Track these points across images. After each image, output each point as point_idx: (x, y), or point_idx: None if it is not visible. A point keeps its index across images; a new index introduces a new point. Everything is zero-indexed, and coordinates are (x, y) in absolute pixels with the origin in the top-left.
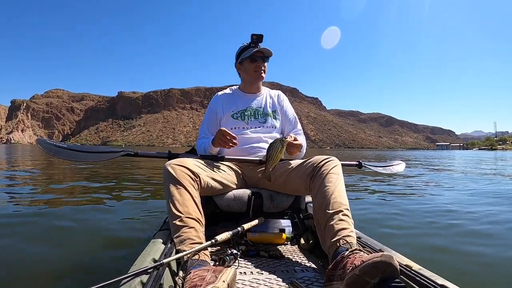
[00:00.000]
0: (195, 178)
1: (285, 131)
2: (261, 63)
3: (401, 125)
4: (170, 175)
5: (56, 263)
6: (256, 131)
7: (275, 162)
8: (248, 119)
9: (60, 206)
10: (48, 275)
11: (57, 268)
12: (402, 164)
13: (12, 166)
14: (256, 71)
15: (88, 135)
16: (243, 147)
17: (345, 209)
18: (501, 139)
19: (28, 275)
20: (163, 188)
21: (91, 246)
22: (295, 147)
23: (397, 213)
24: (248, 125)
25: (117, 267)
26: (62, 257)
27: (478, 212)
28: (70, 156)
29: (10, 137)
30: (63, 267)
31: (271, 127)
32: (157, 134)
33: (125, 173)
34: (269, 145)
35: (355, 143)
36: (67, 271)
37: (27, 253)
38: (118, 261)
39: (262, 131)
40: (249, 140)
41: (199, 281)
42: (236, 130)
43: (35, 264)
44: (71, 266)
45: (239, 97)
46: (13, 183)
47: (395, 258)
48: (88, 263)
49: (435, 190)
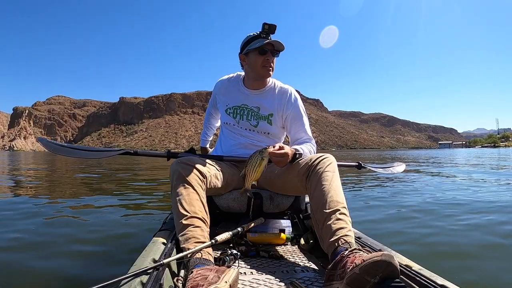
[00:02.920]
0: (203, 178)
1: (290, 137)
2: (270, 57)
3: (403, 124)
4: (179, 174)
5: (55, 263)
6: (245, 133)
7: (254, 177)
8: (240, 118)
9: (60, 206)
10: (48, 276)
11: (57, 269)
12: (402, 165)
13: (15, 172)
14: (264, 66)
15: (90, 141)
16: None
17: (342, 207)
18: (503, 136)
19: (28, 275)
20: (164, 188)
21: (91, 246)
22: (279, 157)
23: (397, 213)
24: (238, 125)
25: (117, 267)
26: (61, 258)
27: (479, 213)
28: (70, 153)
29: (13, 144)
30: (63, 267)
31: (262, 132)
32: (159, 139)
33: (125, 173)
34: (248, 157)
35: (358, 144)
36: (67, 272)
37: (27, 253)
38: (118, 261)
39: (251, 135)
40: (236, 142)
41: (201, 280)
42: (228, 126)
43: (35, 264)
44: (71, 266)
45: (238, 90)
46: (15, 188)
47: (395, 257)
48: (88, 263)
49: (435, 190)
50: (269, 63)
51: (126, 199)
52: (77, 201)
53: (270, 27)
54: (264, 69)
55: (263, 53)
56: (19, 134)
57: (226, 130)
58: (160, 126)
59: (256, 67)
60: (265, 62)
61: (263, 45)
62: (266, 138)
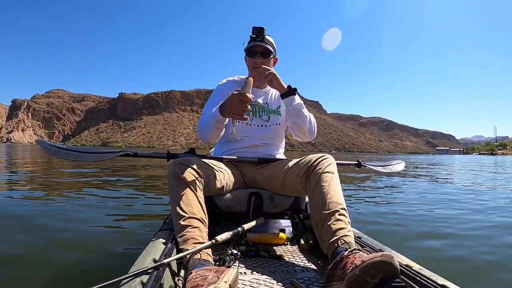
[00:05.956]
0: (200, 178)
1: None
2: (259, 59)
3: (401, 129)
4: (176, 175)
5: (55, 263)
6: (258, 129)
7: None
8: (253, 115)
9: (60, 206)
10: (48, 276)
11: (56, 269)
12: (401, 164)
13: (13, 166)
14: (254, 67)
15: (88, 135)
16: (242, 146)
17: (341, 208)
18: (501, 144)
19: (27, 275)
20: (164, 187)
21: (91, 246)
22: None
23: (397, 213)
24: (251, 122)
25: (117, 267)
26: (61, 258)
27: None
28: (69, 156)
29: (11, 136)
30: (62, 267)
31: (274, 124)
32: (157, 135)
33: (124, 174)
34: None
35: (355, 147)
36: (67, 272)
37: (26, 253)
38: (118, 261)
39: (264, 130)
40: (249, 139)
41: (201, 280)
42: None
43: (34, 264)
44: (70, 266)
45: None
46: (12, 183)
47: (395, 257)
48: (88, 263)
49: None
50: (259, 65)
51: (126, 199)
52: (76, 200)
53: (258, 30)
54: (254, 70)
55: (252, 56)
56: (17, 127)
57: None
58: (159, 123)
59: (249, 69)
60: (255, 64)
61: (249, 48)
62: (276, 130)
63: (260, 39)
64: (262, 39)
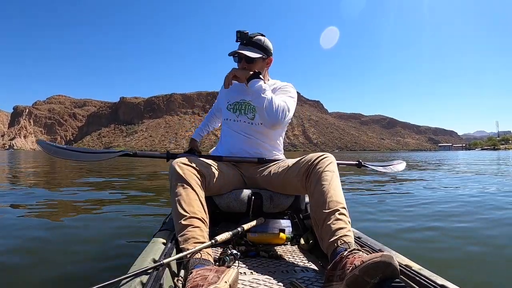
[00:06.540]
0: (202, 178)
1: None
2: (243, 64)
3: (403, 126)
4: (177, 174)
5: (55, 263)
6: (242, 127)
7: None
8: (240, 113)
9: (60, 206)
10: (48, 276)
11: (56, 269)
12: (402, 164)
13: (15, 171)
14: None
15: (90, 140)
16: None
17: (341, 208)
18: (503, 139)
19: (27, 275)
20: (163, 187)
21: (91, 246)
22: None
23: (397, 213)
24: (237, 118)
25: (116, 267)
26: (61, 258)
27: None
28: (69, 156)
29: (13, 143)
30: (62, 267)
31: (259, 124)
32: (159, 139)
33: (124, 174)
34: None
35: (357, 146)
36: (67, 272)
37: (26, 254)
38: (118, 261)
39: (248, 128)
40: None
41: (201, 280)
42: (228, 122)
43: (34, 264)
44: (70, 266)
45: (240, 87)
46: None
47: (395, 258)
48: (88, 263)
49: (435, 190)
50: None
51: (126, 199)
52: (76, 200)
53: (241, 34)
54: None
55: (236, 61)
56: (19, 133)
57: (225, 127)
58: (160, 126)
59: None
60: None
61: (232, 54)
62: (261, 129)
63: (244, 43)
64: (247, 44)
